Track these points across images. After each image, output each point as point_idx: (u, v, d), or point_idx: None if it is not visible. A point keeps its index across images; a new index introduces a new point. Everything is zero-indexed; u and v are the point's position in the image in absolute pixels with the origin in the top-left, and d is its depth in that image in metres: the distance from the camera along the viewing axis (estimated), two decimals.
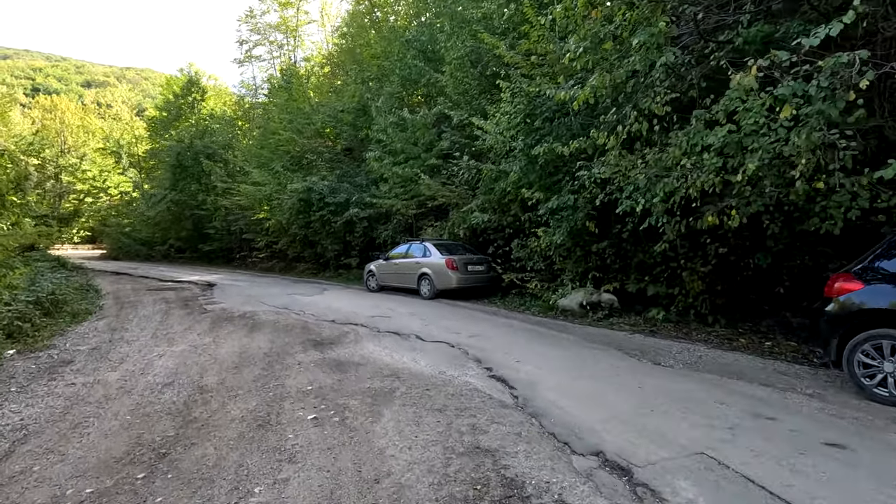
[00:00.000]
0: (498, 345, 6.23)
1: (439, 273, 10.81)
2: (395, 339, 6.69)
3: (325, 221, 16.46)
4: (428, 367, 5.26)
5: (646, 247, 8.30)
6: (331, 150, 18.09)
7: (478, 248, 11.97)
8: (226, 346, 6.54)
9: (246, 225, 22.97)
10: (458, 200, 11.82)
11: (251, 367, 5.49)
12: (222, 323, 8.29)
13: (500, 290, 11.31)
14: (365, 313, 8.80)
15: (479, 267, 11.06)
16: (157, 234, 30.33)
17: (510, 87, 8.46)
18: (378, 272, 12.79)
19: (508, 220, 10.56)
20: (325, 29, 33.17)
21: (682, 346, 6.08)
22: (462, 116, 11.07)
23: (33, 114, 43.99)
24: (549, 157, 7.87)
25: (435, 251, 11.17)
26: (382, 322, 7.92)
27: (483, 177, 10.53)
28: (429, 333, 6.97)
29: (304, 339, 6.86)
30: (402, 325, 7.60)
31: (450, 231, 12.06)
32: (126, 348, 6.63)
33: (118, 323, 8.64)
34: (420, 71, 14.19)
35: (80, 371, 5.52)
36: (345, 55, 19.32)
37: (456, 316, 8.61)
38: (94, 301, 11.46)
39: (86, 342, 7.09)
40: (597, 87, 5.50)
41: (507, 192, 10.16)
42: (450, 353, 5.91)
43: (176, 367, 5.59)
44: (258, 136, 23.31)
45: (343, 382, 4.81)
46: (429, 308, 9.56)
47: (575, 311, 8.37)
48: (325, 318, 8.44)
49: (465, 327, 7.46)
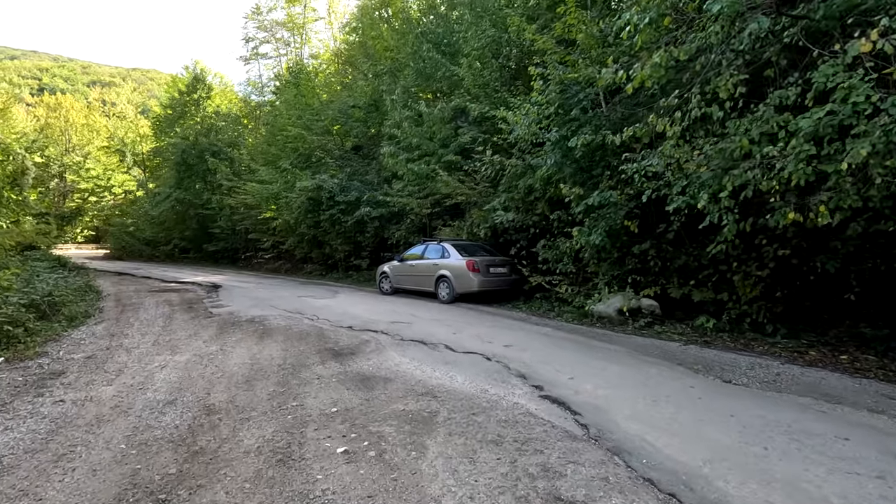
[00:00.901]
0: (540, 357, 5.56)
1: (459, 275, 10.14)
2: (422, 350, 6.02)
3: (335, 221, 15.82)
4: (467, 385, 4.59)
5: (689, 248, 7.62)
6: (340, 148, 17.45)
7: (498, 249, 11.30)
8: (235, 356, 5.89)
9: (252, 224, 22.38)
10: (478, 198, 11.15)
11: (264, 382, 4.83)
12: (230, 329, 7.65)
13: (522, 294, 10.64)
14: (384, 319, 8.14)
15: (501, 269, 10.39)
16: (162, 234, 29.79)
17: (544, 74, 7.78)
18: (392, 274, 12.14)
19: (534, 220, 9.89)
20: (333, 27, 32.66)
21: (749, 361, 5.38)
22: (483, 109, 10.41)
23: (38, 112, 43.60)
24: (587, 150, 7.20)
25: (454, 252, 10.51)
26: (404, 329, 7.26)
27: (507, 173, 9.86)
28: (458, 343, 6.30)
29: (321, 347, 6.21)
30: (426, 333, 6.94)
31: (469, 231, 11.39)
32: (125, 357, 5.99)
33: (118, 328, 8.01)
34: (436, 64, 13.55)
35: (72, 385, 4.88)
36: (355, 50, 18.72)
37: (483, 322, 7.94)
38: (93, 303, 10.86)
39: (81, 349, 6.46)
40: (661, 63, 4.84)
41: (534, 189, 9.50)
42: (487, 366, 5.23)
43: (179, 381, 4.94)
44: (266, 133, 22.73)
45: (372, 403, 4.15)
46: (450, 313, 8.89)
47: (613, 318, 7.69)
48: (341, 323, 7.79)
49: (496, 335, 6.78)
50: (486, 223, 10.54)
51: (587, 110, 7.43)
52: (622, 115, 7.13)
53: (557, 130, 7.44)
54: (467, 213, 12.60)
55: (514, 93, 10.52)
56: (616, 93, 7.56)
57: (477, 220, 10.70)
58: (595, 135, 7.08)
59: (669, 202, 6.26)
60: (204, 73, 30.43)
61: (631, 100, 7.13)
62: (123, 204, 38.84)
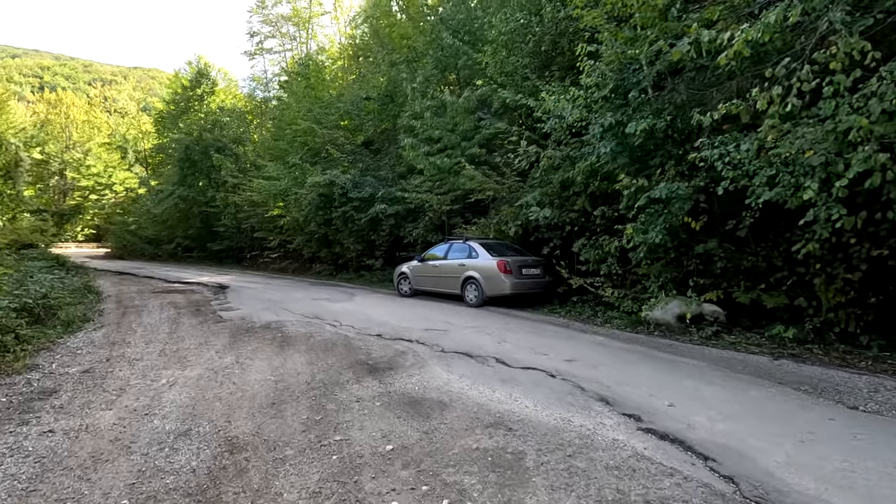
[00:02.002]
0: (614, 375, 4.75)
1: (489, 277, 9.33)
2: (470, 364, 5.22)
3: (348, 218, 15.01)
4: (542, 412, 3.78)
5: (755, 248, 6.82)
6: (351, 143, 16.65)
7: (527, 248, 10.49)
8: (254, 371, 5.09)
9: (258, 222, 21.58)
10: (507, 194, 10.35)
11: (294, 406, 4.03)
12: (244, 336, 6.85)
13: (555, 297, 9.84)
14: (414, 325, 7.33)
15: (533, 270, 9.58)
16: (164, 233, 28.99)
17: (596, 53, 6.95)
18: (412, 275, 11.33)
19: (571, 217, 9.08)
20: (339, 22, 31.90)
21: (863, 381, 4.57)
22: (515, 97, 9.59)
23: (38, 108, 42.82)
24: (647, 137, 6.39)
25: (483, 252, 9.70)
26: (441, 338, 6.45)
27: (542, 166, 9.05)
28: (509, 355, 5.49)
29: (352, 361, 5.40)
30: (468, 343, 6.13)
31: (496, 229, 10.58)
32: (126, 371, 5.19)
33: (119, 334, 7.22)
34: (456, 52, 12.75)
35: (65, 409, 4.09)
36: (368, 39, 17.89)
37: (524, 329, 7.13)
38: (92, 305, 10.08)
39: (77, 361, 5.66)
40: (773, 23, 4.03)
41: (573, 183, 8.69)
42: (555, 386, 4.43)
43: (192, 404, 4.14)
44: (273, 128, 21.93)
45: (433, 437, 3.35)
46: (485, 319, 8.09)
47: (672, 325, 6.88)
48: (367, 331, 6.98)
49: (548, 346, 5.98)
50: (518, 220, 9.74)
51: (646, 92, 6.62)
52: (687, 97, 6.32)
53: (612, 115, 6.63)
54: (492, 209, 11.80)
55: (548, 79, 9.70)
56: (676, 73, 6.74)
57: (507, 217, 9.89)
58: (657, 119, 6.27)
59: (751, 194, 5.45)
60: (208, 67, 29.65)
61: (697, 80, 6.32)
62: (125, 202, 38.04)
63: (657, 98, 6.63)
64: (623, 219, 8.13)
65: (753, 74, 5.64)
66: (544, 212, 8.75)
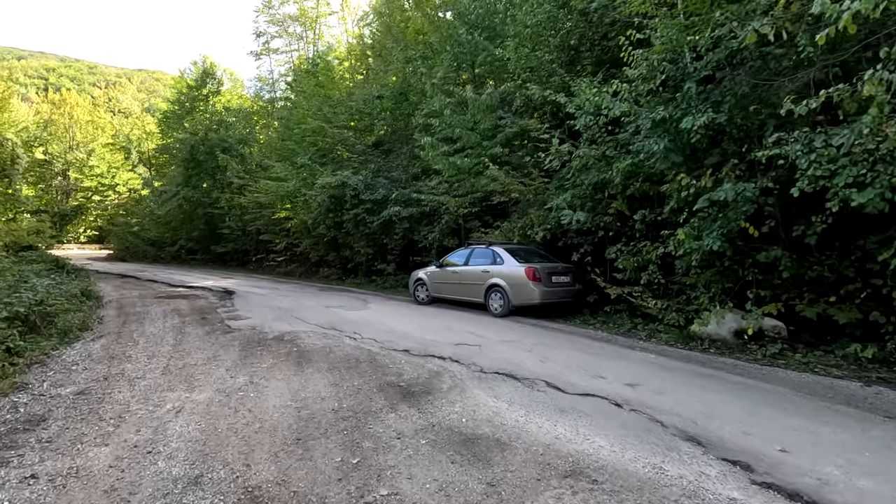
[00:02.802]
0: (690, 404, 4.10)
1: (517, 285, 8.70)
2: (517, 388, 4.58)
3: (360, 221, 14.40)
4: (622, 455, 3.15)
5: (820, 257, 6.17)
6: (363, 143, 16.06)
7: (554, 254, 9.86)
8: (272, 394, 4.46)
9: (264, 225, 21.01)
10: (533, 196, 9.73)
11: (324, 443, 3.40)
12: (256, 350, 6.22)
13: (585, 306, 9.21)
14: (442, 339, 6.69)
15: (563, 278, 8.94)
16: (167, 234, 28.43)
17: (647, 39, 6.32)
18: (430, 282, 10.70)
19: (606, 221, 8.44)
20: (346, 22, 31.47)
21: None
22: (544, 93, 8.98)
23: (41, 108, 42.45)
24: (704, 132, 5.77)
25: (509, 258, 9.07)
26: (475, 355, 5.81)
27: (575, 165, 8.43)
28: (559, 377, 4.85)
29: (382, 382, 4.77)
30: (508, 362, 5.49)
31: (521, 233, 9.95)
32: (126, 393, 4.57)
33: (119, 346, 6.60)
34: (475, 47, 12.16)
35: (53, 443, 3.47)
36: (381, 35, 17.33)
37: (565, 345, 6.48)
38: (92, 312, 9.49)
39: (72, 379, 5.05)
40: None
41: (609, 184, 8.07)
42: (627, 420, 3.79)
43: (203, 438, 3.52)
44: (280, 128, 21.36)
45: (501, 491, 2.71)
46: (517, 331, 7.45)
47: (728, 341, 6.23)
48: (392, 345, 6.35)
49: (599, 366, 5.33)
50: (546, 224, 9.11)
51: (703, 83, 5.99)
52: (749, 88, 5.69)
53: (664, 109, 6.00)
54: (514, 213, 11.19)
55: (580, 74, 9.10)
56: (736, 66, 6.11)
57: (534, 220, 9.25)
58: (717, 113, 5.64)
59: (832, 197, 4.82)
60: (213, 67, 29.16)
61: (762, 69, 5.69)
62: (128, 203, 37.54)
63: (714, 90, 6.00)
64: (665, 223, 7.52)
65: (833, 62, 5.01)
66: (578, 215, 8.11)
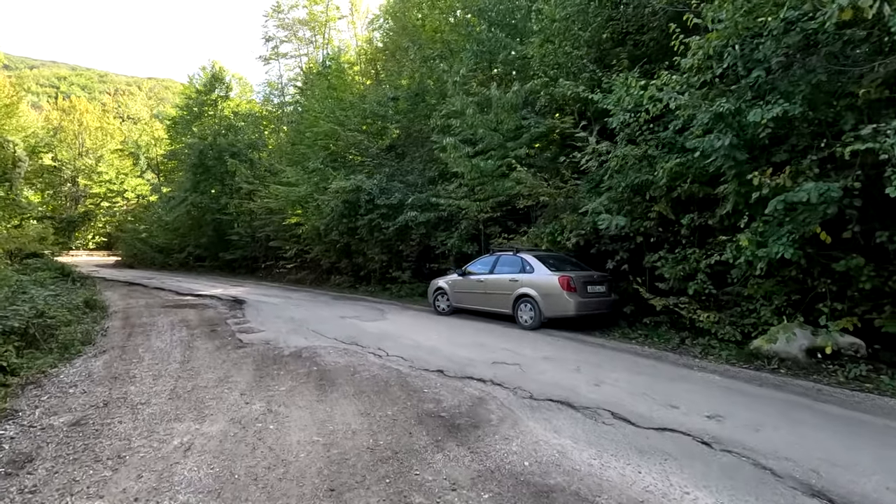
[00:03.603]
0: (800, 444, 3.45)
1: (549, 295, 8.06)
2: (578, 420, 3.94)
3: (374, 227, 13.83)
4: None
5: None
6: (378, 146, 15.53)
7: (585, 261, 9.22)
8: (294, 426, 3.86)
9: (273, 231, 20.52)
10: (564, 199, 9.11)
11: (364, 496, 2.79)
12: (272, 369, 5.63)
13: (622, 318, 8.56)
14: (475, 357, 6.06)
15: (599, 287, 8.30)
16: (175, 241, 28.05)
17: (705, 23, 5.69)
18: (451, 291, 10.08)
19: (646, 226, 7.80)
20: (356, 26, 31.21)
21: None
22: (577, 89, 8.39)
23: (51, 115, 42.47)
24: (775, 125, 5.13)
25: (539, 266, 8.44)
26: (518, 377, 5.18)
27: (612, 166, 7.81)
28: (624, 406, 4.21)
29: (419, 411, 4.15)
30: (557, 385, 4.85)
31: (550, 239, 9.32)
32: (128, 424, 3.98)
33: (122, 363, 6.04)
34: (497, 44, 11.60)
35: (37, 494, 2.88)
36: (395, 34, 16.84)
37: (614, 364, 5.83)
38: (96, 322, 8.97)
39: (68, 405, 4.47)
40: None
41: (650, 186, 7.45)
42: (727, 465, 3.14)
43: (217, 487, 2.92)
44: (291, 132, 20.91)
45: None
46: (554, 347, 6.81)
47: (798, 360, 5.55)
48: (423, 363, 5.73)
49: (663, 391, 4.68)
50: (580, 229, 8.48)
51: (773, 71, 5.36)
52: (827, 76, 5.05)
53: (727, 102, 5.36)
54: (540, 217, 10.58)
55: (616, 69, 8.51)
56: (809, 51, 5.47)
57: (568, 225, 8.62)
58: (790, 104, 5.00)
59: None
60: (223, 71, 28.88)
61: (841, 55, 5.05)
62: (136, 209, 37.31)
63: (781, 79, 5.37)
64: (712, 229, 6.88)
65: None
66: (617, 220, 7.47)
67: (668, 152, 7.30)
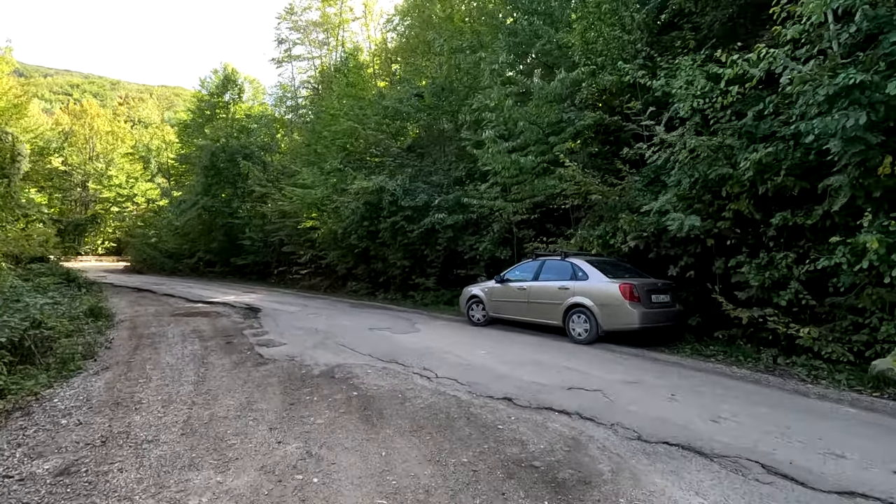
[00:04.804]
0: None
1: (608, 305, 7.10)
2: (722, 477, 2.98)
3: (398, 230, 12.94)
4: None
5: None
6: (399, 146, 14.69)
7: (641, 267, 8.26)
8: (345, 480, 2.94)
9: (287, 236, 19.71)
10: (618, 198, 8.18)
11: None
12: (303, 393, 4.72)
13: (687, 331, 7.59)
14: (543, 379, 5.11)
15: (663, 297, 7.33)
16: (185, 246, 27.36)
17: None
18: (488, 299, 9.14)
19: (720, 227, 6.84)
20: (369, 28, 30.67)
21: None
22: (637, 73, 7.49)
23: (62, 119, 42.26)
24: None
25: (595, 272, 7.49)
26: (608, 407, 4.22)
27: (681, 159, 6.89)
28: (774, 456, 3.23)
29: (501, 458, 3.22)
30: (668, 421, 3.89)
31: (602, 242, 8.38)
32: (130, 473, 3.09)
33: (127, 384, 5.17)
34: (534, 33, 10.74)
35: None
36: (420, 27, 16.02)
37: (713, 390, 4.85)
38: (100, 333, 8.14)
39: (57, 443, 3.59)
40: None
41: (730, 180, 6.51)
42: None
43: None
44: (306, 132, 20.16)
45: None
46: (628, 366, 5.85)
47: None
48: (482, 388, 4.79)
49: (802, 430, 3.70)
50: (642, 231, 7.53)
51: None
52: None
53: (855, 73, 4.42)
54: (585, 218, 9.65)
55: (678, 51, 7.61)
56: None
57: (627, 226, 7.67)
58: None
59: None
60: (235, 73, 28.34)
61: None
62: (146, 213, 36.79)
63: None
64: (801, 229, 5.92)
65: None
66: (690, 220, 6.52)
67: (750, 142, 6.38)
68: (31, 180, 19.11)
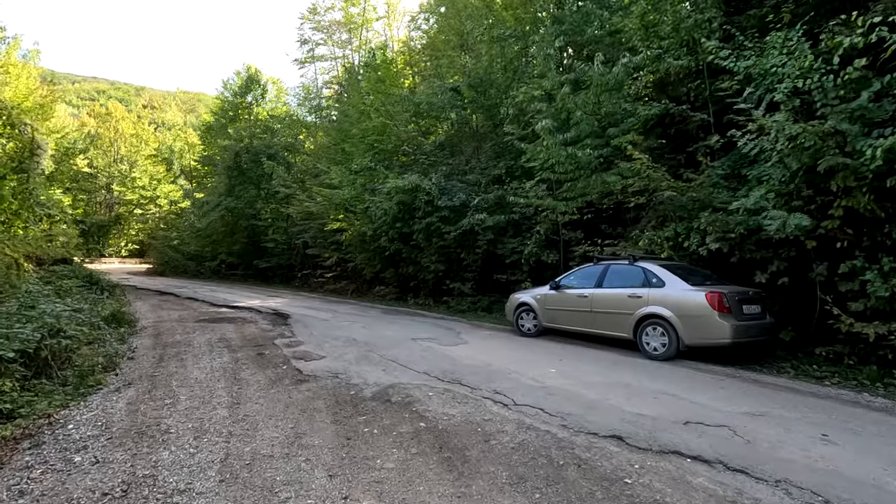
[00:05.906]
0: None
1: (692, 317, 6.18)
2: None
3: (433, 232, 12.15)
4: None
5: None
6: (432, 143, 13.93)
7: (719, 273, 7.31)
8: None
9: (312, 238, 19.11)
10: (696, 194, 7.24)
11: None
12: (357, 423, 3.93)
13: (779, 346, 6.62)
14: (646, 410, 4.22)
15: (754, 307, 6.38)
16: (207, 248, 27.05)
17: None
18: (540, 308, 8.27)
19: (828, 226, 5.88)
20: (391, 28, 30.17)
21: None
22: (720, 54, 6.58)
23: (87, 121, 42.71)
24: None
25: (673, 279, 6.58)
26: (750, 452, 3.33)
27: (782, 149, 5.95)
28: None
29: None
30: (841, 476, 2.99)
31: (674, 243, 7.46)
32: None
33: (152, 405, 4.45)
34: (586, 18, 9.88)
35: None
36: (454, 18, 15.23)
37: (863, 426, 3.92)
38: (122, 341, 7.53)
39: (68, 493, 2.85)
40: None
41: (840, 174, 5.55)
42: None
43: None
44: (332, 130, 19.55)
45: None
46: (735, 391, 4.93)
47: None
48: (576, 421, 3.93)
49: None
50: (729, 232, 6.59)
51: None
52: None
53: None
54: (645, 217, 8.73)
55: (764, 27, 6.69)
56: None
57: (708, 227, 6.73)
58: None
59: None
60: (258, 74, 28.03)
61: None
62: (169, 215, 36.79)
63: None
64: None
65: None
66: (796, 219, 5.57)
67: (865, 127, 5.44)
68: (56, 181, 18.86)
